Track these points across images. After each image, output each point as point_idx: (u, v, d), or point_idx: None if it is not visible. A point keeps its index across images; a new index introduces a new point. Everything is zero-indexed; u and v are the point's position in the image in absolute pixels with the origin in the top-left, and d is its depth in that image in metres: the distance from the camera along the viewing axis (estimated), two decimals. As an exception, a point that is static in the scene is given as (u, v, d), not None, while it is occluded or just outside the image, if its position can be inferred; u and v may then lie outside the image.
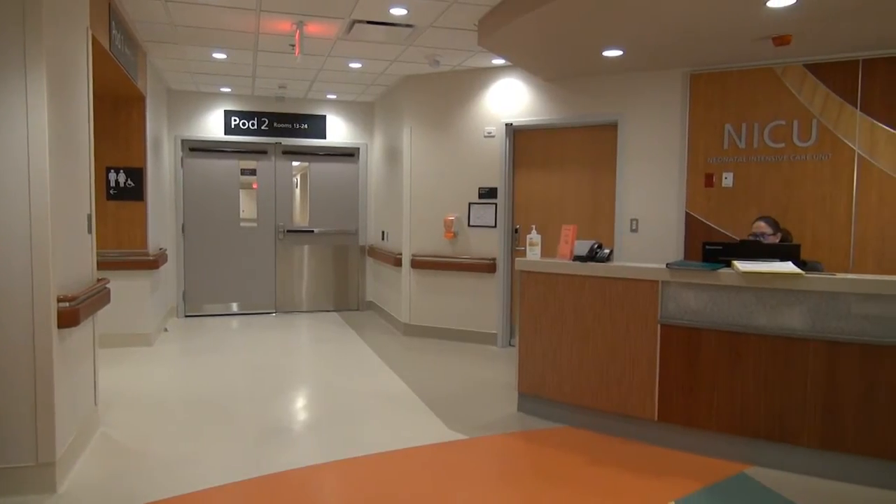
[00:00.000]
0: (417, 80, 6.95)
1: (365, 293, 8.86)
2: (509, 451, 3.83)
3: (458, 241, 6.78)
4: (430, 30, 5.20)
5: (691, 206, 5.58)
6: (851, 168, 4.99)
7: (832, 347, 3.32)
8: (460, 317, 6.79)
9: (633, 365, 3.88)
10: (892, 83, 4.83)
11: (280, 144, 8.40)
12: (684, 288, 3.70)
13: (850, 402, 3.29)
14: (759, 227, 4.35)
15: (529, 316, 4.33)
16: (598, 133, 6.10)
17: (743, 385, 3.55)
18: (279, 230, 8.46)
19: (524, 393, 4.41)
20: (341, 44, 5.67)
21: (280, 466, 3.46)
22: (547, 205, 6.40)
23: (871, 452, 3.25)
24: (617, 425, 3.98)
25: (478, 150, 6.63)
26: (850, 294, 3.28)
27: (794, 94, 5.16)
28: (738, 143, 5.37)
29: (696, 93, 5.53)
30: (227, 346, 6.53)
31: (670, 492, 3.20)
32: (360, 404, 4.63)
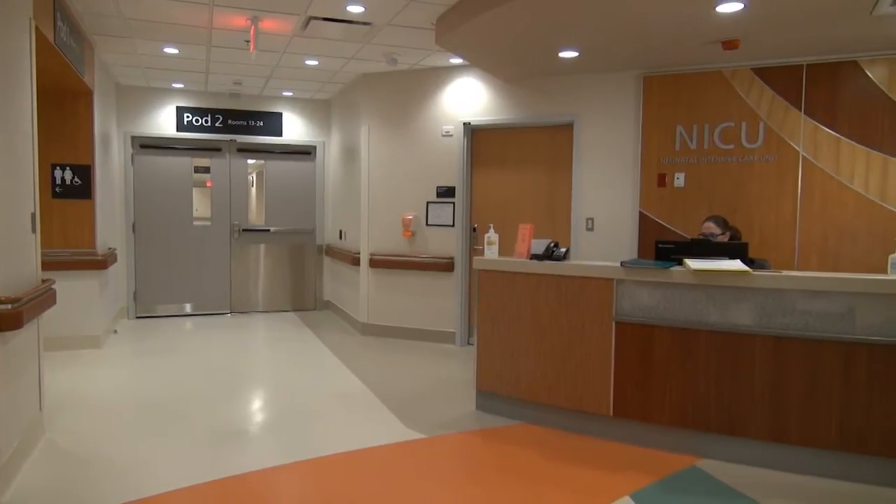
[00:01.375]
0: (375, 79, 6.92)
1: (322, 293, 8.78)
2: (467, 449, 3.85)
3: (416, 240, 6.77)
4: (388, 28, 5.18)
5: (645, 205, 5.69)
6: (796, 169, 5.17)
7: (778, 342, 3.44)
8: (418, 316, 6.79)
9: (589, 362, 3.94)
10: (834, 88, 5.03)
11: (235, 142, 8.25)
12: (638, 286, 3.78)
13: (794, 396, 3.41)
14: (708, 228, 4.48)
15: (487, 314, 4.35)
16: (555, 133, 6.18)
17: (694, 380, 3.64)
18: (234, 229, 8.31)
19: (482, 391, 4.44)
20: (297, 40, 5.60)
21: (237, 469, 3.40)
22: (504, 204, 6.45)
23: (813, 443, 3.38)
24: (573, 421, 4.04)
25: (436, 150, 6.64)
26: (794, 291, 3.39)
27: (743, 96, 5.32)
28: (689, 144, 5.51)
29: (649, 94, 5.65)
30: (181, 348, 6.39)
31: (625, 485, 3.27)
32: (317, 404, 4.58)
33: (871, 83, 4.92)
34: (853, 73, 4.97)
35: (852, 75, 4.97)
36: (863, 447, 3.29)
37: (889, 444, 3.24)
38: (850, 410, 3.30)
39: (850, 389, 3.30)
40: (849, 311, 3.29)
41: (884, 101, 4.89)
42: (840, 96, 5.01)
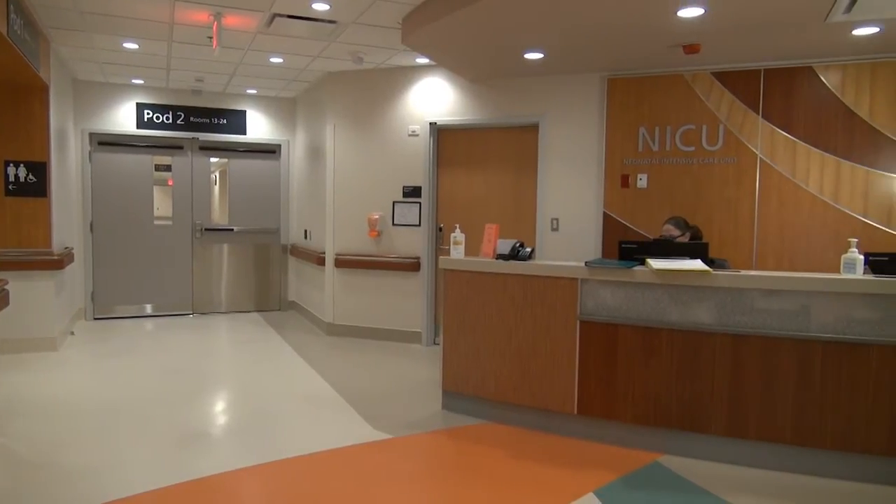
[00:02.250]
0: (341, 77, 6.87)
1: (287, 293, 8.69)
2: (433, 449, 3.85)
3: (382, 239, 6.75)
4: (354, 26, 5.15)
5: (609, 205, 5.77)
6: (754, 171, 5.30)
7: (737, 340, 3.52)
8: (385, 316, 6.76)
9: (554, 361, 3.98)
10: (790, 92, 5.17)
11: (197, 140, 8.10)
12: (602, 285, 3.83)
13: (752, 392, 3.50)
14: (668, 231, 4.56)
15: (453, 314, 4.36)
16: (521, 134, 6.22)
17: (656, 378, 3.71)
18: (196, 228, 8.17)
19: (448, 391, 4.44)
20: (261, 37, 5.53)
21: (200, 472, 3.34)
22: (470, 204, 6.47)
23: (771, 439, 3.47)
24: (539, 420, 4.08)
25: (402, 149, 6.63)
26: (752, 290, 3.48)
27: (703, 100, 5.43)
28: (651, 146, 5.61)
29: (612, 96, 5.73)
30: (141, 349, 6.25)
31: (589, 483, 3.31)
32: (282, 406, 4.53)
33: (825, 88, 5.08)
34: (808, 78, 5.12)
35: (807, 81, 5.12)
36: (817, 442, 3.39)
37: (842, 439, 3.35)
38: (805, 406, 3.40)
39: (805, 386, 3.40)
40: (804, 310, 3.39)
41: (837, 106, 5.04)
42: (796, 101, 5.16)
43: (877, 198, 4.98)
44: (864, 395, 3.30)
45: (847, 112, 5.02)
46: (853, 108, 5.00)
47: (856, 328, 3.31)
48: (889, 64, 4.91)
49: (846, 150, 5.03)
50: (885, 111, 4.93)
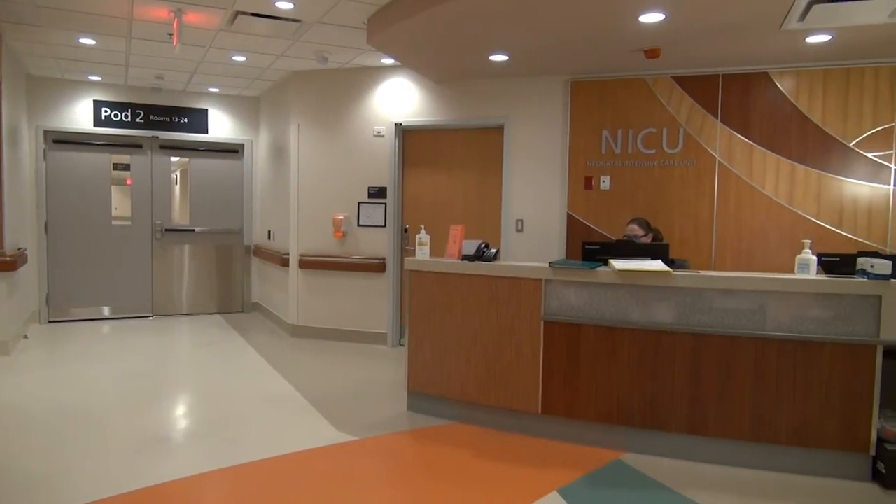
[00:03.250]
0: (305, 77, 6.81)
1: (250, 294, 8.57)
2: (398, 450, 3.85)
3: (347, 240, 6.71)
4: (318, 26, 5.11)
5: (572, 207, 5.84)
6: (713, 174, 5.42)
7: (696, 339, 3.60)
8: (350, 317, 6.73)
9: (518, 361, 4.01)
10: (747, 97, 5.31)
11: (157, 138, 7.93)
12: (566, 286, 3.87)
13: (711, 390, 3.58)
14: (632, 230, 4.64)
15: (419, 315, 4.36)
16: (486, 135, 6.25)
17: (619, 376, 3.77)
18: (156, 229, 8.00)
19: (414, 391, 4.44)
20: (224, 35, 5.44)
21: (160, 477, 3.27)
22: (436, 205, 6.47)
23: (728, 435, 3.56)
24: (503, 420, 4.10)
25: (367, 150, 6.60)
26: (711, 290, 3.56)
27: (664, 104, 5.54)
28: (614, 149, 5.69)
29: (576, 99, 5.80)
30: (98, 353, 6.10)
31: (553, 481, 3.34)
32: (245, 409, 4.47)
33: (780, 94, 5.23)
34: (764, 83, 5.26)
35: (764, 86, 5.27)
36: (773, 437, 3.48)
37: (797, 434, 3.45)
38: (762, 403, 3.49)
39: (762, 383, 3.49)
40: (760, 309, 3.48)
41: (791, 111, 5.20)
42: (753, 105, 5.30)
43: (828, 200, 5.14)
44: (817, 392, 3.41)
45: (801, 117, 5.18)
46: (807, 114, 5.16)
47: (809, 326, 3.41)
48: (840, 71, 5.08)
49: (800, 154, 5.19)
50: (836, 116, 5.10)
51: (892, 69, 4.97)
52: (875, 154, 5.03)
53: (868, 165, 5.05)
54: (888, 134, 5.00)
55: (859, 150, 5.06)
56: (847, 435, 3.38)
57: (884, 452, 3.30)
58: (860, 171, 5.07)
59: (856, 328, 3.35)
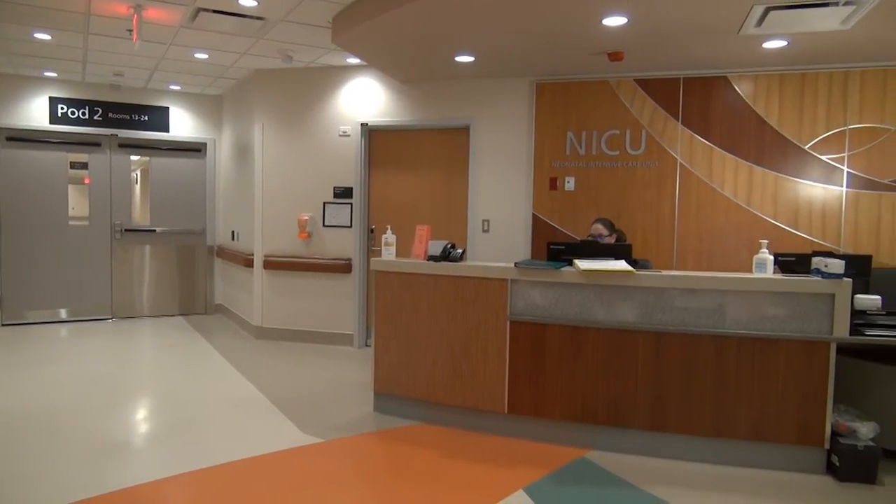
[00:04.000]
0: (270, 75, 6.73)
1: (213, 296, 8.43)
2: (364, 452, 3.83)
3: (312, 241, 6.65)
4: (283, 24, 5.05)
5: (538, 207, 5.89)
6: (674, 175, 5.53)
7: (659, 338, 3.66)
8: (315, 318, 6.67)
9: (485, 360, 4.03)
10: (707, 100, 5.43)
11: (116, 137, 7.75)
12: (531, 286, 3.91)
13: (673, 387, 3.65)
14: (597, 230, 4.70)
15: (385, 315, 4.35)
16: (452, 136, 6.26)
17: (583, 375, 3.81)
18: (116, 229, 7.81)
19: (380, 392, 4.43)
20: (185, 32, 5.35)
21: (121, 483, 3.20)
22: (402, 205, 6.46)
23: (690, 431, 3.63)
24: (470, 420, 4.12)
25: (332, 150, 6.55)
26: (673, 289, 3.63)
27: (627, 106, 5.62)
28: (578, 150, 5.76)
29: (541, 101, 5.85)
30: (55, 357, 5.93)
31: (519, 480, 3.36)
32: (208, 412, 4.40)
33: (739, 97, 5.35)
34: (724, 87, 5.39)
35: (723, 89, 5.39)
36: (733, 433, 3.56)
37: (755, 429, 3.53)
38: (722, 399, 3.57)
39: (721, 380, 3.57)
40: (720, 308, 3.56)
41: (750, 115, 5.33)
42: (712, 108, 5.42)
43: (785, 201, 5.29)
44: (775, 388, 3.50)
45: (758, 120, 5.31)
46: (764, 117, 5.30)
47: (766, 324, 3.50)
48: (795, 76, 5.23)
49: (758, 156, 5.32)
50: (792, 120, 5.25)
51: (844, 74, 5.13)
52: (828, 157, 5.19)
53: (822, 168, 5.20)
54: (840, 137, 5.16)
55: (814, 153, 5.22)
56: (803, 429, 3.48)
57: (837, 446, 3.41)
58: (814, 173, 5.22)
59: (810, 326, 3.45)
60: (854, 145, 5.14)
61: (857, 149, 5.13)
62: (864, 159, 5.12)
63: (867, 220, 5.13)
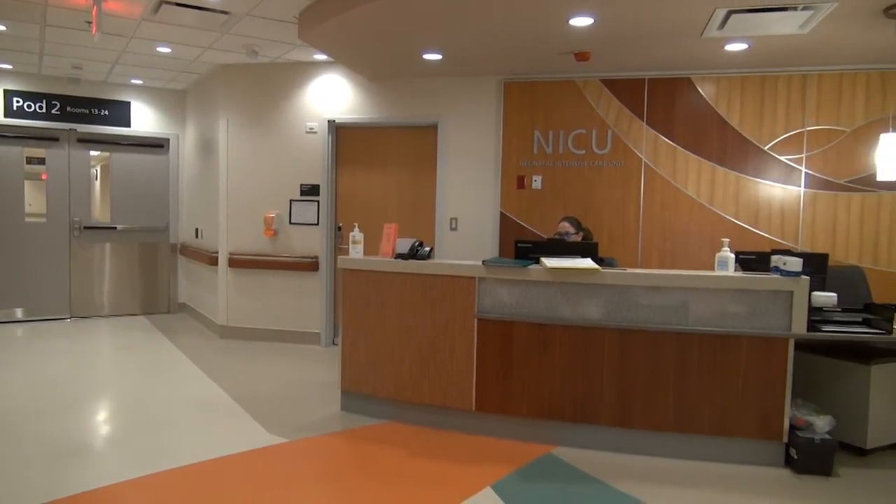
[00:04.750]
0: (235, 70, 6.63)
1: (177, 294, 8.27)
2: (331, 451, 3.81)
3: (278, 238, 6.58)
4: (248, 19, 4.98)
5: (505, 206, 5.92)
6: (639, 174, 5.61)
7: (624, 335, 3.71)
8: (282, 317, 6.60)
9: (452, 358, 4.03)
10: (671, 101, 5.52)
11: (75, 131, 7.55)
12: (499, 284, 3.92)
13: (638, 383, 3.70)
14: (564, 228, 4.75)
15: (352, 314, 4.32)
16: (420, 134, 6.25)
17: (550, 372, 3.84)
18: (74, 226, 7.61)
19: (347, 391, 4.40)
20: (147, 25, 5.23)
21: (81, 486, 3.11)
22: (370, 203, 6.43)
23: (654, 426, 3.69)
24: (438, 418, 4.12)
25: (299, 146, 6.49)
26: (637, 287, 3.69)
27: (593, 105, 5.68)
28: (546, 149, 5.80)
29: (509, 100, 5.88)
30: (11, 358, 5.75)
31: (486, 477, 3.38)
32: (171, 413, 4.32)
33: (701, 99, 5.45)
34: (687, 88, 5.48)
35: (686, 91, 5.49)
36: (695, 428, 3.63)
37: (717, 424, 3.61)
38: (685, 395, 3.64)
39: (684, 376, 3.64)
40: (683, 305, 3.63)
41: (712, 116, 5.44)
42: (676, 109, 5.51)
43: (746, 201, 5.41)
44: (735, 384, 3.58)
45: (720, 121, 5.42)
46: (726, 118, 5.41)
47: (728, 321, 3.58)
48: (756, 78, 5.35)
49: (720, 156, 5.43)
50: (752, 121, 5.37)
51: (802, 77, 5.27)
52: (787, 157, 5.32)
53: (781, 168, 5.34)
54: (799, 138, 5.30)
55: (773, 154, 5.35)
56: (763, 424, 3.56)
57: (795, 439, 3.50)
58: (774, 174, 5.35)
59: (770, 322, 3.54)
60: (811, 146, 5.28)
61: (814, 150, 5.28)
62: (821, 160, 5.27)
63: (824, 219, 5.28)
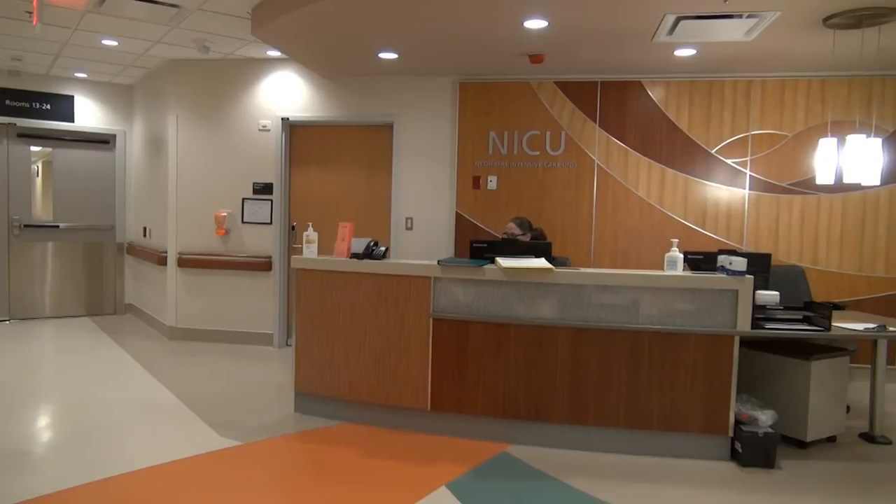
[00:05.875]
0: (185, 66, 6.47)
1: (123, 295, 8.03)
2: (284, 454, 3.75)
3: (230, 238, 6.45)
4: (199, 13, 4.86)
5: (461, 206, 5.94)
6: (592, 176, 5.71)
7: (577, 333, 3.77)
8: (234, 318, 6.47)
9: (408, 358, 4.03)
10: (622, 104, 5.63)
11: (14, 126, 7.24)
12: (454, 283, 3.94)
13: (590, 381, 3.77)
14: (511, 229, 4.79)
15: (306, 314, 4.27)
16: (375, 133, 6.22)
17: (505, 371, 3.87)
18: (14, 225, 7.30)
19: (301, 392, 4.35)
20: (92, 17, 5.06)
21: (21, 495, 2.99)
22: (324, 202, 6.37)
23: (606, 423, 3.76)
24: (393, 418, 4.10)
25: (252, 144, 6.38)
26: (590, 286, 3.75)
27: (547, 107, 5.76)
28: (500, 150, 5.85)
29: (464, 100, 5.91)
30: (-57, 363, 5.49)
31: (442, 476, 3.39)
32: (118, 418, 4.19)
33: (652, 102, 5.58)
34: (638, 92, 5.61)
35: (637, 94, 5.61)
36: (646, 424, 3.72)
37: (666, 420, 3.70)
38: (635, 392, 3.72)
39: (635, 373, 3.72)
40: (633, 304, 3.71)
41: (662, 119, 5.57)
42: (628, 112, 5.63)
43: (694, 202, 5.56)
44: (684, 380, 3.68)
45: (670, 124, 5.56)
46: (675, 121, 5.55)
47: (676, 319, 3.67)
48: (704, 83, 5.50)
49: (669, 159, 5.57)
50: (700, 125, 5.53)
51: (747, 83, 5.45)
52: (733, 160, 5.49)
53: (727, 171, 5.51)
54: (744, 142, 5.48)
55: (720, 157, 5.51)
56: (709, 419, 3.67)
57: (740, 433, 3.61)
58: (720, 176, 5.52)
59: (716, 320, 3.64)
60: (756, 150, 5.46)
61: (758, 154, 5.46)
62: (765, 163, 5.46)
63: (767, 220, 5.48)
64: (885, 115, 5.30)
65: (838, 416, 3.96)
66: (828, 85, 5.35)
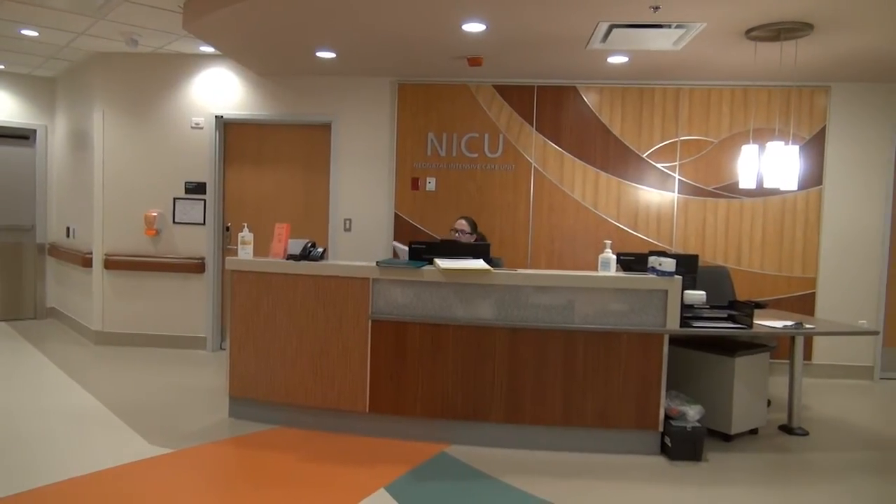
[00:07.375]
0: (112, 59, 6.22)
1: (45, 298, 7.64)
2: (218, 460, 3.66)
3: (161, 238, 6.24)
4: (127, 5, 4.69)
5: (400, 207, 5.94)
6: (529, 178, 5.80)
7: (513, 333, 3.83)
8: (164, 321, 6.26)
9: (346, 360, 3.99)
10: (558, 108, 5.75)
11: (-78, 118, 6.81)
12: (392, 284, 3.93)
13: (527, 380, 3.83)
14: (461, 225, 4.83)
15: (241, 317, 4.18)
16: (313, 133, 6.14)
17: (443, 372, 3.89)
18: (-78, 224, 6.86)
19: (236, 397, 4.25)
20: (10, 5, 4.80)
21: (-78, 515, 2.81)
22: (260, 202, 6.24)
23: (543, 421, 3.83)
24: (331, 421, 4.06)
25: (184, 142, 6.18)
26: (527, 287, 3.81)
27: (486, 110, 5.82)
28: (439, 151, 5.87)
29: (403, 101, 5.90)
30: None
31: (380, 478, 3.37)
32: (39, 427, 3.98)
33: (586, 107, 5.73)
34: (573, 97, 5.74)
35: (572, 99, 5.74)
36: (581, 421, 3.81)
37: (600, 417, 3.80)
38: (571, 390, 3.80)
39: (570, 372, 3.80)
40: (569, 304, 3.79)
41: (596, 124, 5.72)
42: (563, 116, 5.76)
43: (626, 205, 5.74)
44: (616, 378, 3.78)
45: (604, 129, 5.72)
46: (608, 126, 5.71)
47: (610, 319, 3.78)
48: (635, 90, 5.69)
49: (603, 162, 5.73)
50: (632, 130, 5.70)
51: (676, 91, 5.66)
52: (663, 165, 5.69)
53: (657, 175, 5.70)
54: (673, 148, 5.69)
55: (650, 161, 5.70)
56: (641, 415, 3.79)
57: (669, 428, 3.75)
58: (651, 180, 5.71)
59: (647, 319, 3.77)
60: (683, 155, 5.68)
61: (686, 159, 5.68)
62: (692, 168, 5.68)
63: (694, 223, 5.70)
64: (802, 123, 5.61)
65: (760, 409, 4.17)
66: (750, 94, 5.62)
